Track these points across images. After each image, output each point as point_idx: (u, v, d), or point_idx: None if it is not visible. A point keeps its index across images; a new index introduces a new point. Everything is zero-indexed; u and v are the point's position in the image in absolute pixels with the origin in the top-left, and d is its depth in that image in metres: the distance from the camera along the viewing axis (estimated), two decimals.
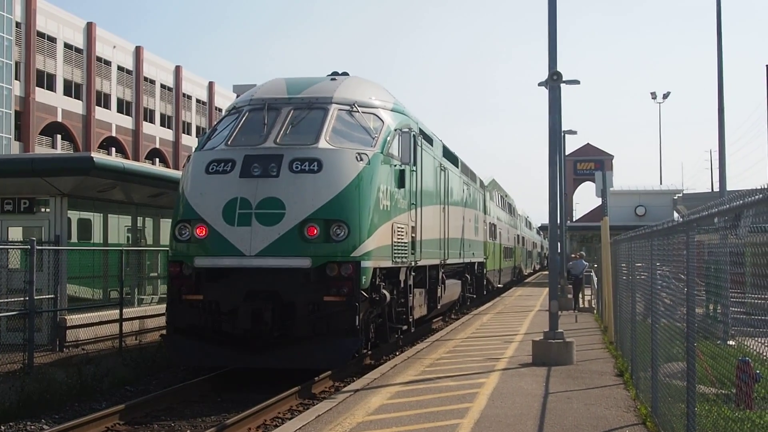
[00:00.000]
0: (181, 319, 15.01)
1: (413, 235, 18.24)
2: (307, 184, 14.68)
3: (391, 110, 17.26)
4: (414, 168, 18.06)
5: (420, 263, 19.12)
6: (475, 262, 30.41)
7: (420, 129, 19.49)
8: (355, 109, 16.20)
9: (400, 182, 16.93)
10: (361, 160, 15.18)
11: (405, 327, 18.31)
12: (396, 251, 16.65)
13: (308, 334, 14.70)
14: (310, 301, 14.64)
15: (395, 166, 16.62)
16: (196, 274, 14.91)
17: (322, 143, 15.22)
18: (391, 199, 16.35)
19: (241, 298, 14.60)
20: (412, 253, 18.14)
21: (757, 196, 5.46)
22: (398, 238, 16.80)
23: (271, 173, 14.72)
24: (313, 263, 14.48)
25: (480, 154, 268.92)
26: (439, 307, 22.76)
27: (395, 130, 16.72)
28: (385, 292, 16.05)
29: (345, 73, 18.11)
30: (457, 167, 26.12)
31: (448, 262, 23.28)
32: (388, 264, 16.28)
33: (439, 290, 21.89)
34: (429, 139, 20.81)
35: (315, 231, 14.52)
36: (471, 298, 31.01)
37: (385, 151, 16.02)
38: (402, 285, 17.69)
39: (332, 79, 17.25)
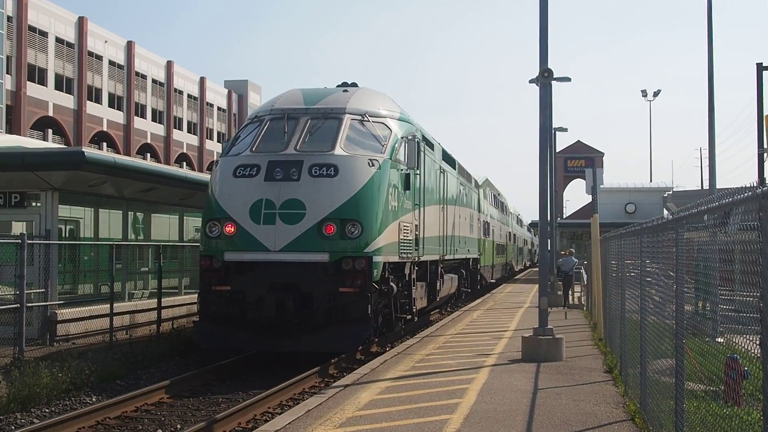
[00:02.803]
0: (211, 307, 16.53)
1: (417, 233, 19.81)
2: (325, 187, 16.27)
3: (398, 119, 18.83)
4: (418, 172, 19.68)
5: (422, 259, 20.66)
6: (470, 258, 31.80)
7: (423, 135, 21.03)
8: (366, 118, 17.77)
9: (406, 185, 18.52)
10: (373, 165, 16.75)
11: (409, 317, 19.97)
12: (402, 248, 18.22)
13: (325, 322, 16.22)
14: (327, 291, 16.22)
15: (402, 170, 18.17)
16: (225, 266, 16.42)
17: (338, 150, 16.78)
18: (399, 201, 17.97)
19: (265, 289, 16.09)
20: (416, 250, 19.69)
21: (746, 194, 5.48)
22: (404, 236, 18.40)
23: (292, 177, 16.30)
24: (330, 258, 16.11)
25: (473, 150, 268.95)
26: (437, 300, 24.41)
27: (402, 137, 18.26)
28: (392, 284, 17.61)
29: (354, 84, 19.65)
30: (455, 169, 27.58)
31: (446, 258, 24.68)
32: (396, 259, 17.87)
33: (438, 284, 23.36)
34: (430, 144, 22.35)
35: (332, 229, 16.13)
36: (466, 292, 32.30)
37: (393, 157, 17.57)
38: (406, 278, 19.19)
39: (344, 91, 18.76)
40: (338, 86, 19.43)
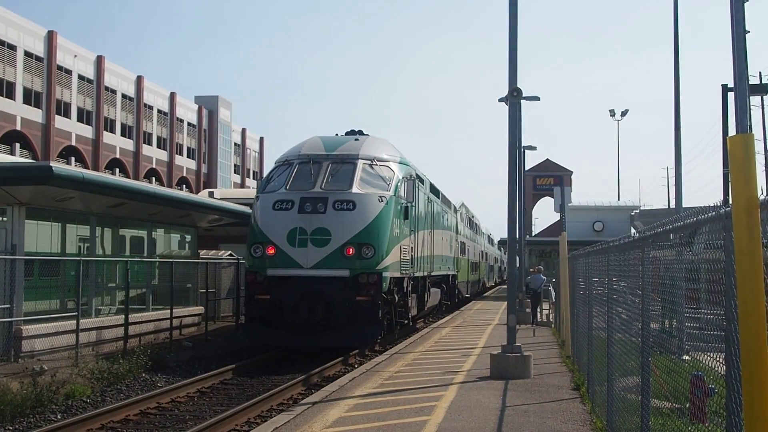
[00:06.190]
0: (255, 312, 20.90)
1: (412, 253, 24.30)
2: (346, 218, 20.66)
3: (399, 162, 23.26)
4: (413, 204, 23.89)
5: (416, 274, 25.28)
6: (449, 275, 36.52)
7: (417, 174, 25.41)
8: (375, 163, 22.23)
9: (405, 215, 22.94)
10: (381, 201, 21.23)
11: (405, 321, 24.68)
12: (402, 265, 22.66)
13: (345, 323, 20.35)
14: (347, 300, 20.33)
15: (402, 203, 22.53)
16: (267, 280, 20.52)
17: (355, 189, 21.20)
18: (400, 228, 22.37)
19: (298, 298, 20.21)
20: (411, 267, 24.15)
21: (710, 214, 5.53)
22: (403, 256, 22.87)
23: (320, 210, 20.68)
24: (350, 273, 20.42)
25: (443, 166, 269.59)
26: (425, 309, 29.37)
27: (402, 178, 22.73)
28: (395, 295, 22.35)
29: (360, 131, 24.42)
30: (438, 198, 32.27)
31: (432, 274, 29.24)
32: (398, 275, 22.34)
33: (425, 296, 27.98)
34: (421, 180, 26.80)
35: (351, 251, 20.45)
36: (446, 303, 36.76)
37: (396, 194, 22.00)
38: (404, 290, 23.61)
39: (356, 139, 23.34)
40: (347, 133, 24.20)
